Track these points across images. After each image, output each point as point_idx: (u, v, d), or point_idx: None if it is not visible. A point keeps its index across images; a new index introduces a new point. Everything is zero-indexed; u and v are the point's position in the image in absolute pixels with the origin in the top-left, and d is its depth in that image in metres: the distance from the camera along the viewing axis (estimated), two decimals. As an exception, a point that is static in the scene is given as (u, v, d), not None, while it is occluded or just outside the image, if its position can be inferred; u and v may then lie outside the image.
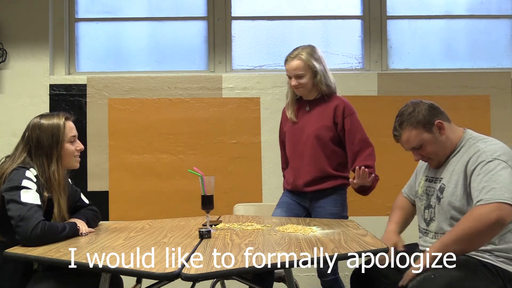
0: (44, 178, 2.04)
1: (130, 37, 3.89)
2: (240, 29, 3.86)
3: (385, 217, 3.67)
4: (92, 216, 2.25)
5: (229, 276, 1.67)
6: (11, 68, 3.67)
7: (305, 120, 2.63)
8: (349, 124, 2.57)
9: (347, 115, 2.57)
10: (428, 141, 2.03)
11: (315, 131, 2.57)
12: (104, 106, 3.67)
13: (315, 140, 2.57)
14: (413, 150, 2.09)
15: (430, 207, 2.10)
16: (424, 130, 2.03)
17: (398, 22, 3.87)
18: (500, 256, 1.90)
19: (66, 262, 1.64)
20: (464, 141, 2.05)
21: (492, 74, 3.72)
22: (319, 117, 2.59)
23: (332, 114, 2.58)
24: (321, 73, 2.58)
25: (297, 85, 2.57)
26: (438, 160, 2.09)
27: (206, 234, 1.97)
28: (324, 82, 2.59)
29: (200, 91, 3.69)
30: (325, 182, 2.58)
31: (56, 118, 2.11)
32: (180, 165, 3.64)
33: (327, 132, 2.57)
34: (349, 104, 2.62)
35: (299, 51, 2.58)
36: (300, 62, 2.56)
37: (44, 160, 2.05)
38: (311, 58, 2.56)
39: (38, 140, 2.06)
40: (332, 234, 2.05)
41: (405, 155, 2.18)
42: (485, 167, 1.88)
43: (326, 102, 2.61)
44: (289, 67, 2.59)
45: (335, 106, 2.58)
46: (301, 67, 2.56)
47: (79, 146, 2.17)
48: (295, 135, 2.65)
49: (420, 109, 2.05)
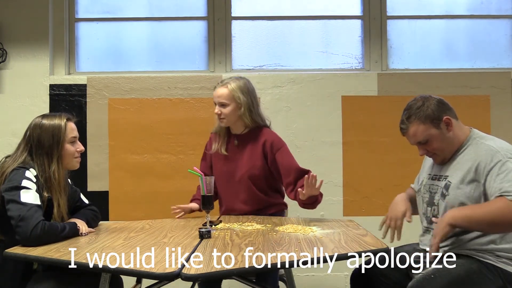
0: (44, 178, 2.04)
1: (130, 37, 3.88)
2: (240, 29, 3.86)
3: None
4: (92, 216, 2.25)
5: (229, 276, 1.67)
6: (11, 68, 3.66)
7: (236, 158, 2.62)
8: (280, 157, 2.55)
9: (277, 149, 2.56)
10: (435, 137, 2.02)
11: (248, 172, 2.57)
12: (104, 106, 3.67)
13: (249, 181, 2.57)
14: (419, 145, 2.07)
15: (433, 205, 2.09)
16: (432, 125, 2.01)
17: (398, 22, 3.87)
18: (501, 256, 1.90)
19: (66, 262, 1.64)
20: (471, 139, 2.03)
21: (492, 74, 3.72)
22: (249, 156, 2.58)
23: (261, 151, 2.57)
24: (245, 106, 2.56)
25: (219, 114, 2.56)
26: (444, 157, 2.07)
27: (206, 234, 1.97)
28: (249, 116, 2.58)
29: (200, 91, 3.68)
30: (263, 210, 2.60)
31: (57, 118, 2.12)
32: (180, 165, 3.64)
33: (260, 171, 2.57)
34: (277, 137, 2.62)
35: (228, 80, 2.59)
36: (225, 90, 2.55)
37: (44, 159, 2.06)
38: (238, 89, 2.55)
39: (39, 140, 2.07)
40: (332, 234, 2.05)
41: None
42: (505, 167, 1.86)
43: (254, 138, 2.60)
44: (215, 93, 2.59)
45: (263, 142, 2.57)
46: (225, 96, 2.55)
47: (80, 148, 2.17)
48: (227, 173, 2.62)
49: (429, 103, 2.03)
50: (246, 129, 2.64)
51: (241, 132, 2.65)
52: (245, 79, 2.65)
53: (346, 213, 3.63)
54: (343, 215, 3.62)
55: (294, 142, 3.65)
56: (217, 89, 2.58)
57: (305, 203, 2.44)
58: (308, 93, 3.67)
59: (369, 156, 3.65)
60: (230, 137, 2.67)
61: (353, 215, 3.51)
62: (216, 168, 2.69)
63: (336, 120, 3.67)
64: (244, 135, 2.64)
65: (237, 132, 2.65)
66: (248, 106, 2.57)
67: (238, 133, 2.65)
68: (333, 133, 3.66)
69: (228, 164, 2.63)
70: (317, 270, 3.60)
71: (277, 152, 2.56)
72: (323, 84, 3.68)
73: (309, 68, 3.82)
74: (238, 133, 2.65)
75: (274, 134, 2.64)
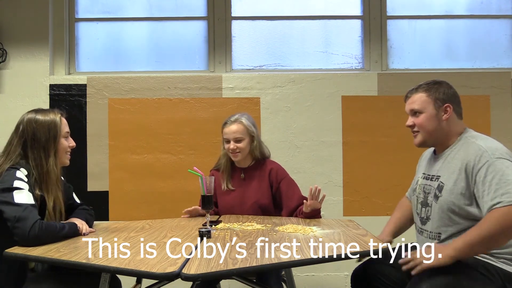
0: (41, 173, 2.03)
1: (130, 37, 3.89)
2: (240, 29, 3.86)
3: (385, 217, 3.67)
4: (89, 216, 2.25)
5: (229, 276, 1.67)
6: (11, 68, 3.67)
7: (243, 189, 2.67)
8: (285, 186, 2.64)
9: (281, 178, 2.66)
10: (428, 113, 2.06)
11: (257, 201, 2.63)
12: (104, 106, 3.67)
13: (259, 209, 2.64)
14: (411, 113, 2.11)
15: (427, 206, 2.09)
16: (433, 103, 2.05)
17: (398, 22, 3.87)
18: (501, 256, 1.90)
19: (66, 262, 1.64)
20: (463, 138, 2.05)
21: (492, 74, 3.72)
22: (257, 188, 2.65)
23: (268, 180, 2.65)
24: (257, 139, 2.67)
25: (235, 149, 2.61)
26: (424, 139, 2.09)
27: (206, 234, 1.97)
28: (259, 148, 2.69)
29: (200, 91, 3.69)
30: None
31: (52, 113, 2.12)
32: (180, 165, 3.64)
33: (268, 199, 2.65)
34: (281, 166, 2.71)
35: (238, 116, 2.67)
36: (241, 126, 2.63)
37: (41, 154, 2.05)
38: (251, 123, 2.66)
39: (34, 134, 2.06)
40: (332, 234, 2.05)
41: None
42: (492, 168, 1.86)
43: (260, 169, 2.69)
44: (228, 130, 2.63)
45: (269, 170, 2.66)
46: (241, 131, 2.63)
47: (72, 143, 2.18)
48: (233, 207, 2.67)
49: (444, 87, 2.08)
50: (253, 161, 2.71)
51: (248, 165, 2.71)
52: (247, 113, 2.75)
53: (346, 213, 3.63)
54: (343, 215, 3.62)
55: (294, 142, 3.66)
56: (230, 126, 2.64)
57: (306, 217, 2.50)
58: (308, 93, 3.68)
59: (369, 156, 3.65)
60: (234, 172, 2.72)
61: (353, 215, 3.52)
62: (222, 201, 2.72)
63: (336, 120, 3.67)
64: (250, 167, 2.71)
65: (243, 166, 2.71)
66: (258, 138, 2.70)
67: (245, 167, 2.71)
68: (333, 133, 3.66)
69: (235, 198, 2.68)
70: (317, 270, 3.60)
71: (282, 181, 2.65)
72: (323, 84, 3.68)
73: (309, 68, 3.82)
74: (244, 167, 2.71)
75: (277, 163, 2.74)
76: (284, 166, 2.77)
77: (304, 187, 2.60)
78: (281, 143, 3.65)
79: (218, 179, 2.70)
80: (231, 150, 2.63)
